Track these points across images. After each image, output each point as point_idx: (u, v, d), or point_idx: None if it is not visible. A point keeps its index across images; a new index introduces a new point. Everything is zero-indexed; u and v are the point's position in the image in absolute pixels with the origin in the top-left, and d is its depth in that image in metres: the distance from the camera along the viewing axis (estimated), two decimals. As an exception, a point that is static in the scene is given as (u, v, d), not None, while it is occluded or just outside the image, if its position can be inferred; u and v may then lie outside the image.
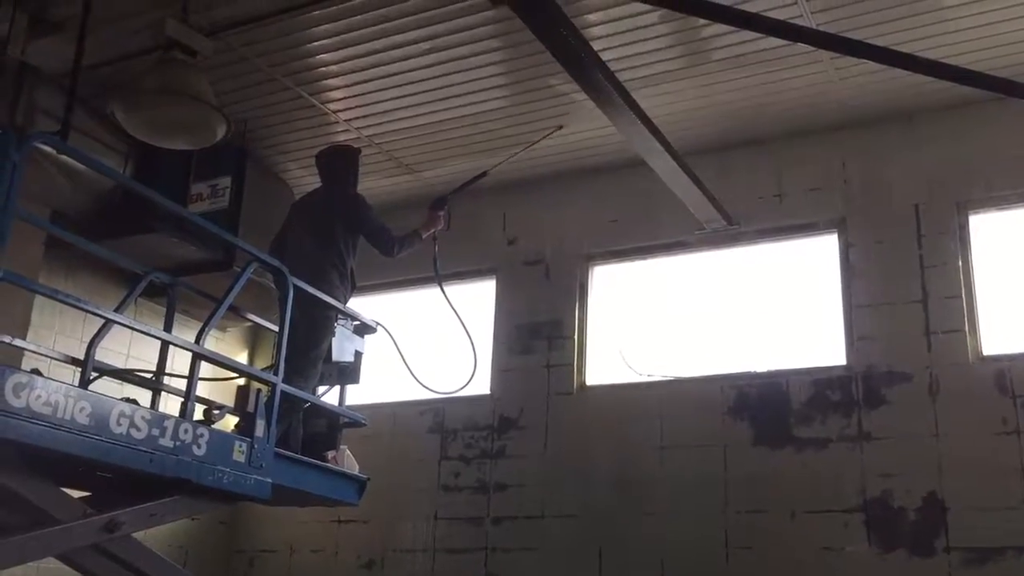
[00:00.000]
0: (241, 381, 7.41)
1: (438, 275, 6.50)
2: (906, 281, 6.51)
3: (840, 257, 6.86)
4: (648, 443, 6.89)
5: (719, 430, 6.73)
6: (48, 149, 5.45)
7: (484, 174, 6.82)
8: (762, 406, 6.68)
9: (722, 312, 7.16)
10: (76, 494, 4.56)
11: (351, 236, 5.92)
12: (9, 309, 5.78)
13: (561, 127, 7.04)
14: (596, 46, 5.63)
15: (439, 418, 7.72)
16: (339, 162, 6.20)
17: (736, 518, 6.47)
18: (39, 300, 6.56)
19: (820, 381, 6.57)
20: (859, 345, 6.55)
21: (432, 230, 6.35)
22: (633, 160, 6.74)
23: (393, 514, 7.50)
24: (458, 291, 8.07)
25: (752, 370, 6.84)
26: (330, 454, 5.68)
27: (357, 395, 6.54)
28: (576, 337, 7.53)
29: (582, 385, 7.43)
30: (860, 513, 6.18)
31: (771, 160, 7.18)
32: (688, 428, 6.83)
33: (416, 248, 6.19)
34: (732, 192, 7.03)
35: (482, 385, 7.66)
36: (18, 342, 5.17)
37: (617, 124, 6.03)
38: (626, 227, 7.56)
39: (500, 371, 7.69)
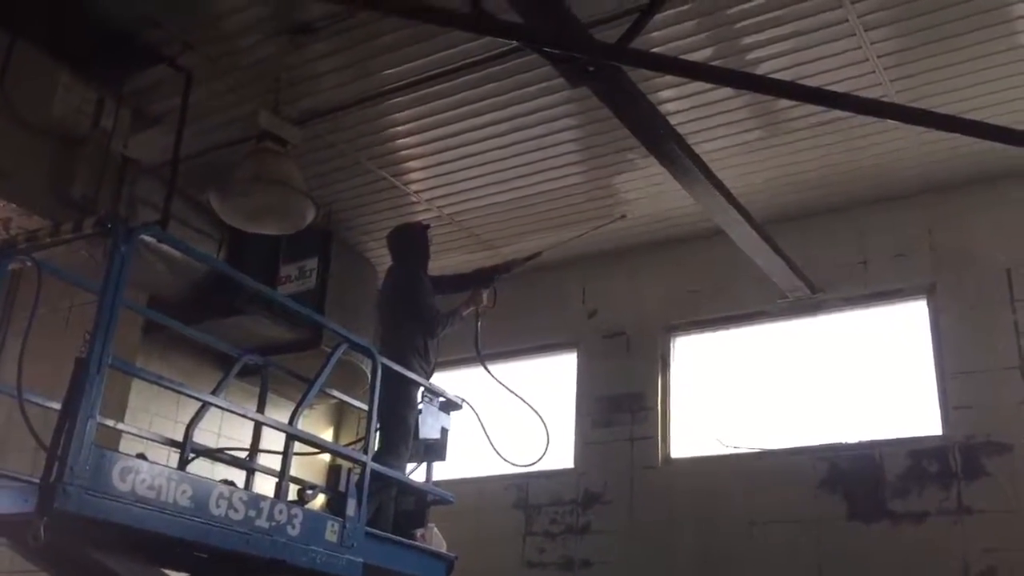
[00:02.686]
0: (328, 458, 7.50)
1: (479, 353, 6.41)
2: (1002, 347, 6.33)
3: (931, 324, 6.72)
4: (736, 518, 6.75)
5: (810, 504, 6.56)
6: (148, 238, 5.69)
7: (538, 254, 6.74)
8: (855, 479, 6.50)
9: (809, 382, 7.04)
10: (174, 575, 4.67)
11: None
12: (109, 392, 5.96)
13: (624, 216, 7.09)
14: (672, 121, 5.71)
15: (523, 493, 7.68)
16: (404, 240, 6.35)
17: (834, 597, 6.27)
18: (136, 383, 6.80)
19: (915, 452, 6.38)
20: (955, 414, 6.36)
21: (472, 307, 6.34)
22: (712, 230, 6.75)
23: (480, 591, 7.44)
24: (541, 364, 8.15)
25: (843, 441, 6.68)
26: (419, 532, 5.69)
27: (442, 471, 6.56)
28: (659, 409, 7.46)
29: (667, 458, 7.34)
30: (965, 590, 5.93)
31: (854, 227, 7.11)
32: (778, 502, 6.67)
33: (456, 326, 6.20)
34: (814, 260, 6.96)
35: (566, 459, 7.63)
36: (120, 425, 5.35)
37: (695, 195, 6.07)
38: (707, 297, 7.53)
39: (584, 444, 7.65)
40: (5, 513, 3.88)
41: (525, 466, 6.47)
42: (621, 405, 7.60)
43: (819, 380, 7.01)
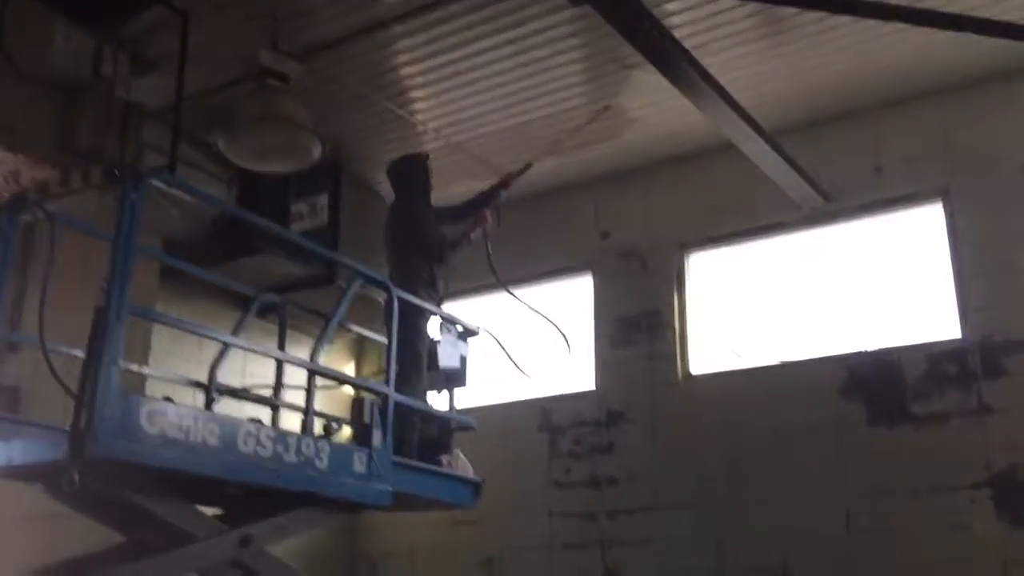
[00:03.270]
0: (351, 391, 7.59)
1: (496, 275, 6.38)
2: (1019, 247, 6.28)
3: (947, 227, 6.66)
4: (759, 429, 6.82)
5: (832, 412, 6.61)
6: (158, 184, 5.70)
7: (529, 165, 6.67)
8: (875, 384, 6.54)
9: (826, 292, 7.03)
10: (209, 511, 4.79)
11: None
12: (129, 338, 6.04)
13: (609, 107, 6.87)
14: (677, 34, 5.61)
15: (546, 416, 7.78)
16: (404, 172, 6.32)
17: (858, 500, 6.35)
18: (157, 327, 6.87)
19: (934, 355, 6.40)
20: (973, 316, 6.35)
21: (478, 228, 6.28)
22: (723, 144, 6.67)
23: (508, 513, 7.58)
24: (555, 288, 8.18)
25: (862, 348, 6.70)
26: (444, 458, 5.79)
27: (464, 399, 6.64)
28: (677, 326, 7.49)
29: (687, 374, 7.40)
30: (987, 488, 6.00)
31: (866, 133, 7.02)
32: (800, 411, 6.72)
33: (465, 250, 6.18)
34: (827, 169, 6.89)
35: (587, 381, 7.70)
36: (145, 370, 5.43)
37: (704, 110, 5.99)
38: (720, 212, 7.49)
39: (603, 365, 7.71)
40: (39, 461, 3.99)
41: (548, 383, 6.55)
42: (639, 324, 7.63)
43: (836, 289, 7.00)
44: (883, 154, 6.93)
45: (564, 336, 6.51)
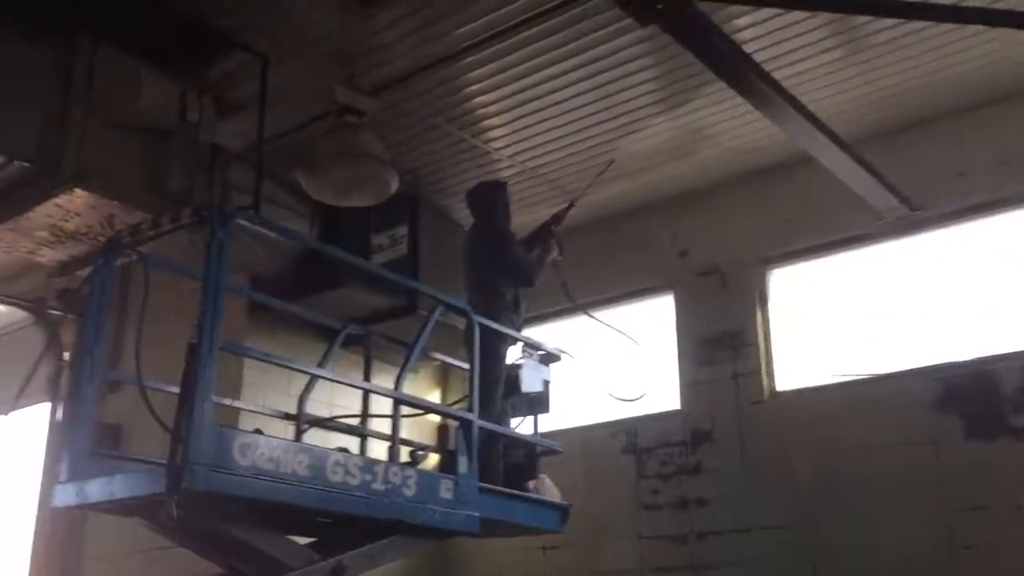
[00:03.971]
0: (437, 418, 7.68)
1: (573, 300, 6.63)
2: (1119, 248, 6.04)
3: (1041, 230, 6.44)
4: (850, 446, 6.65)
5: (926, 426, 6.41)
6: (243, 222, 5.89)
7: (572, 204, 6.85)
8: (971, 396, 6.32)
9: (915, 303, 6.85)
10: (301, 541, 4.89)
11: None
12: (222, 373, 6.22)
13: (613, 161, 7.03)
14: (748, 49, 5.57)
15: (632, 437, 7.71)
16: (483, 197, 6.44)
17: (958, 516, 6.13)
18: (248, 361, 7.05)
19: (1034, 364, 6.17)
20: (1073, 322, 6.11)
21: (550, 254, 6.46)
22: (801, 157, 6.58)
23: (596, 537, 7.53)
24: (636, 309, 8.14)
25: (956, 359, 6.50)
26: (531, 484, 5.80)
27: (547, 423, 6.65)
28: (761, 343, 7.38)
29: (773, 392, 7.27)
30: (1094, 501, 5.74)
31: (949, 138, 6.83)
32: (893, 427, 6.54)
33: (545, 273, 6.36)
34: (910, 176, 6.70)
35: (671, 401, 7.63)
36: (236, 403, 5.58)
37: (779, 123, 5.93)
38: (801, 226, 7.36)
39: (688, 385, 7.63)
40: (139, 495, 4.13)
41: (633, 402, 6.61)
42: (722, 343, 7.53)
43: (925, 299, 6.81)
44: (969, 159, 6.74)
45: (641, 348, 6.52)
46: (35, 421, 8.79)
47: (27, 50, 5.18)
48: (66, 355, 8.34)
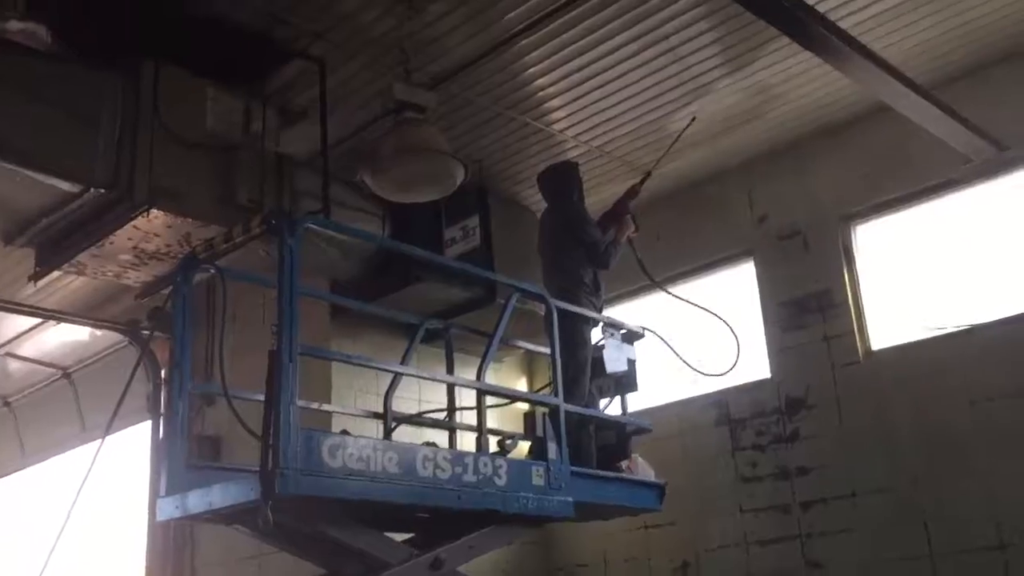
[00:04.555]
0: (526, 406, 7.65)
1: (652, 278, 6.58)
2: None
3: None
4: (955, 399, 6.38)
5: (1036, 372, 6.13)
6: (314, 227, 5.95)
7: (648, 174, 6.73)
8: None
9: (1011, 246, 6.53)
10: (399, 537, 4.92)
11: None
12: (310, 378, 6.31)
13: (694, 118, 6.81)
14: (810, 0, 5.38)
15: (724, 409, 7.57)
16: (556, 180, 6.39)
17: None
18: (335, 365, 7.15)
19: None
20: None
21: (626, 235, 6.37)
22: (877, 106, 6.35)
23: (698, 513, 7.42)
24: (717, 280, 7.98)
25: (1061, 300, 6.19)
26: (624, 464, 5.73)
27: (637, 401, 6.58)
28: (851, 303, 7.14)
29: (868, 352, 7.03)
30: None
31: (1034, 72, 6.50)
32: (998, 376, 6.25)
33: (620, 254, 6.26)
34: (996, 116, 6.39)
35: (761, 370, 7.46)
36: (325, 406, 5.65)
37: (850, 73, 5.73)
38: (883, 178, 7.09)
39: (777, 352, 7.44)
40: (236, 503, 4.20)
41: (722, 375, 6.46)
42: (809, 306, 7.32)
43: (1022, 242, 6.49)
44: (1059, 92, 6.40)
45: (726, 323, 6.40)
46: (139, 440, 9.07)
47: (95, 78, 5.31)
48: (163, 372, 8.58)
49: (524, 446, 5.48)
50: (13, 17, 5.21)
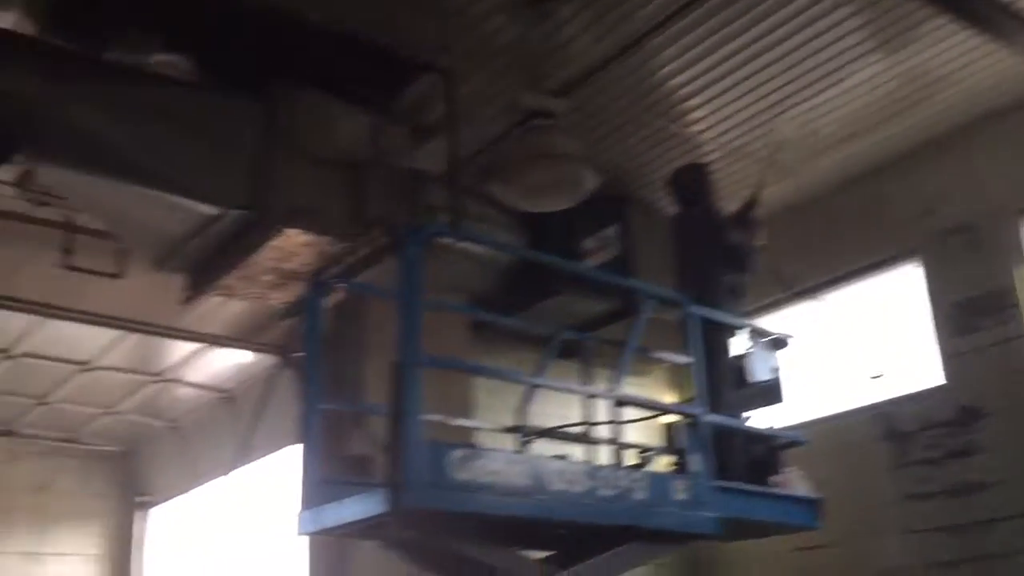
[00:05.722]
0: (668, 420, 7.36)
1: (786, 285, 6.20)
2: None
3: None
4: None
5: None
6: (450, 241, 5.92)
7: (763, 185, 6.15)
8: None
9: None
10: (539, 555, 4.76)
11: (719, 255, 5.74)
12: (449, 392, 6.27)
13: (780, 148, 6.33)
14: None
15: (888, 421, 7.02)
16: (694, 180, 6.10)
17: None
18: (477, 380, 7.08)
19: None
20: None
21: (757, 240, 5.96)
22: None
23: (861, 533, 6.89)
24: (876, 284, 7.45)
25: None
26: (775, 478, 5.38)
27: (789, 415, 6.19)
28: (1031, 303, 6.52)
29: (1051, 355, 6.39)
30: None
31: None
32: None
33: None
34: None
35: (931, 377, 6.89)
36: (460, 421, 5.57)
37: (1020, 51, 5.23)
38: (1063, 163, 6.46)
39: (949, 358, 6.85)
40: (365, 517, 4.16)
41: (881, 380, 5.98)
42: (983, 307, 6.72)
43: None
44: None
45: (887, 330, 5.94)
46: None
47: (231, 104, 5.46)
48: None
49: (667, 461, 5.23)
50: (155, 51, 5.45)
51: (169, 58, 5.48)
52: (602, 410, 5.80)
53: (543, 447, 5.45)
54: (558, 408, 7.09)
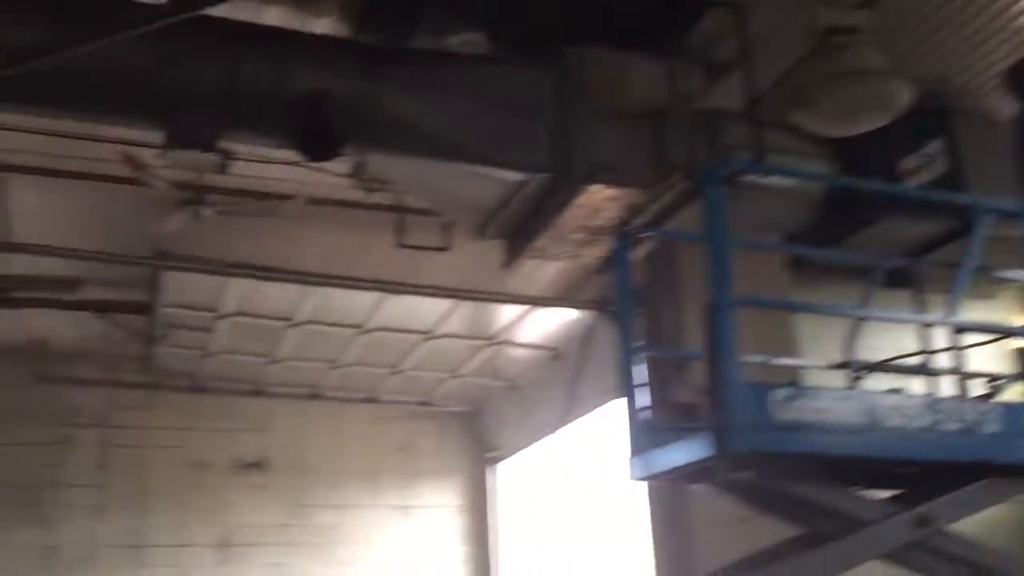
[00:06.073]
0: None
1: None
2: None
3: None
4: None
5: None
6: (755, 178, 5.75)
7: None
8: None
9: None
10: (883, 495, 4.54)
11: None
12: (769, 333, 6.09)
13: None
14: None
15: None
16: None
17: None
18: (802, 318, 6.83)
19: None
20: None
21: None
22: None
23: None
24: None
25: None
26: None
27: None
28: None
29: None
30: None
31: None
32: None
33: None
34: None
35: None
36: (784, 361, 5.43)
37: None
38: None
39: None
40: (693, 461, 4.19)
41: None
42: None
43: None
44: None
45: None
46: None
47: (524, 73, 5.66)
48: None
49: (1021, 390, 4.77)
50: (455, 32, 5.78)
51: (467, 37, 5.79)
52: (941, 339, 5.41)
53: (876, 383, 5.20)
54: (891, 341, 6.71)
